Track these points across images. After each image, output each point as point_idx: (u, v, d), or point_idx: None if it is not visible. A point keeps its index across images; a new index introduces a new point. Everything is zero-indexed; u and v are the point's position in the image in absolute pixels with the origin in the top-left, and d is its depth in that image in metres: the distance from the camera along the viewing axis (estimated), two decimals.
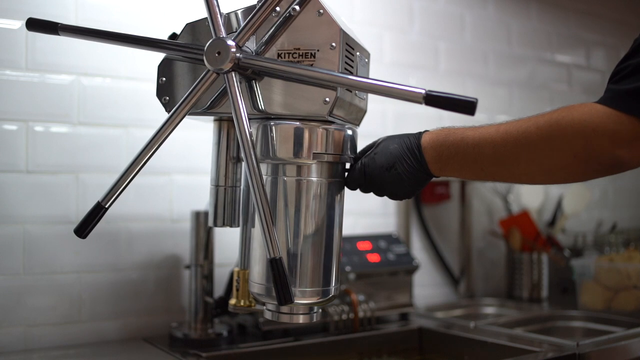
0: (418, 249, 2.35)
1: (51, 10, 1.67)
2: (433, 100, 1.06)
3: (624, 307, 2.12)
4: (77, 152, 1.70)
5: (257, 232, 1.22)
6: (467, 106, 1.06)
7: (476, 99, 1.06)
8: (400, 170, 1.20)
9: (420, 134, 1.22)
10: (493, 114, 2.67)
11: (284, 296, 1.13)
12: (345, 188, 1.29)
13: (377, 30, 2.30)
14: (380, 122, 2.28)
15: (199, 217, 1.71)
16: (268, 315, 1.24)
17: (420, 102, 1.07)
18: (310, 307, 1.22)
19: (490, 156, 1.13)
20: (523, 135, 1.11)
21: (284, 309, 1.22)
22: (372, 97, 1.38)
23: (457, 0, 2.55)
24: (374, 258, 1.94)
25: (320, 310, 1.26)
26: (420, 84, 2.38)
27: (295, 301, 1.19)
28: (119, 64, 1.76)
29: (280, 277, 1.12)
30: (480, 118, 2.60)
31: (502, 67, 2.71)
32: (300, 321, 1.22)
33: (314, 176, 1.20)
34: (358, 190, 1.28)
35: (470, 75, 2.59)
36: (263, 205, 1.13)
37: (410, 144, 1.21)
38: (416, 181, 1.21)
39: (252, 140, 1.15)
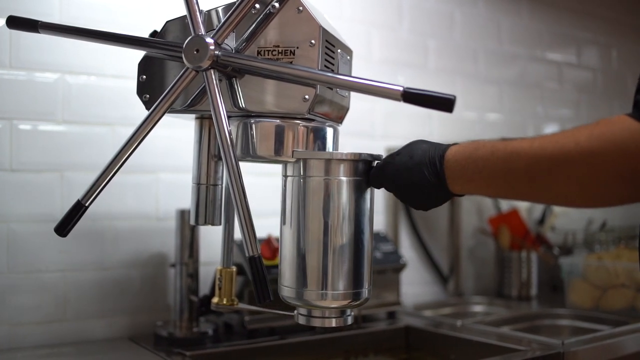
0: (407, 247, 2.35)
1: (36, 7, 1.67)
2: (411, 97, 1.06)
3: (612, 305, 2.12)
4: (62, 150, 1.69)
5: (286, 235, 1.18)
6: (445, 103, 1.05)
7: (454, 96, 1.05)
8: (415, 179, 1.11)
9: (448, 145, 1.12)
10: (483, 112, 2.66)
11: (262, 294, 1.13)
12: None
13: (365, 27, 2.29)
14: (369, 121, 2.28)
15: (184, 216, 1.71)
16: (302, 320, 1.21)
17: (398, 100, 1.07)
18: (342, 310, 1.19)
19: (523, 173, 1.02)
20: (561, 151, 0.98)
21: (316, 312, 1.18)
22: (361, 96, 1.37)
23: None
24: None
25: (352, 313, 1.22)
26: (409, 82, 2.38)
27: (328, 305, 1.16)
28: (104, 62, 1.75)
29: (258, 275, 1.12)
30: (470, 116, 2.61)
31: (492, 65, 2.71)
32: (333, 325, 1.19)
33: (341, 175, 1.16)
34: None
35: (460, 74, 2.59)
36: (242, 204, 1.13)
37: (434, 154, 1.10)
38: (432, 195, 1.12)
39: (231, 139, 1.15)
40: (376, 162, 1.19)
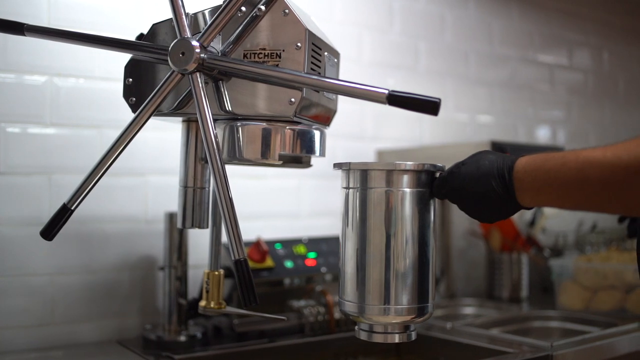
0: None
1: (23, 10, 1.66)
2: (396, 100, 1.06)
3: (602, 307, 2.12)
4: (50, 153, 1.69)
5: (348, 248, 1.16)
6: (430, 106, 1.05)
7: (439, 99, 1.05)
8: (482, 190, 1.09)
9: (516, 157, 1.10)
10: (474, 113, 2.67)
11: (249, 298, 1.13)
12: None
13: (356, 29, 2.29)
14: (359, 123, 2.28)
15: (172, 219, 1.70)
16: (364, 336, 1.18)
17: (383, 102, 1.07)
18: (406, 325, 1.16)
19: (597, 182, 0.99)
20: (637, 160, 0.96)
21: (378, 328, 1.16)
22: (350, 98, 1.37)
23: (438, 0, 2.55)
24: None
25: (416, 329, 1.19)
26: (399, 84, 2.38)
27: (391, 320, 1.14)
28: (93, 65, 1.75)
29: (244, 278, 1.12)
30: (461, 118, 2.61)
31: (483, 67, 2.72)
32: (396, 340, 1.17)
33: (404, 186, 1.13)
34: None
35: (451, 75, 2.59)
36: (227, 207, 1.13)
37: (502, 165, 1.08)
38: (499, 207, 1.10)
39: (217, 142, 1.15)
40: (439, 172, 1.17)
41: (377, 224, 1.13)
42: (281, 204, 2.08)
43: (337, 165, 1.18)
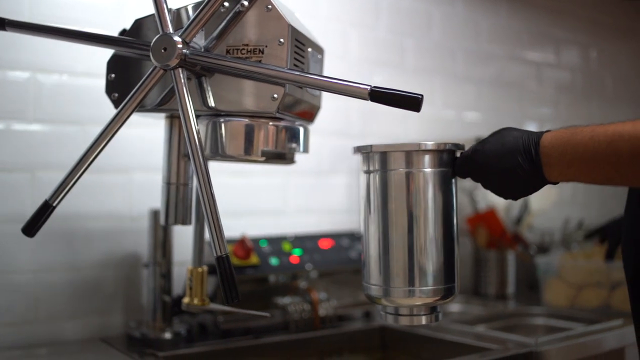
0: None
1: (5, 5, 1.64)
2: (378, 96, 1.06)
3: (588, 303, 2.13)
4: (33, 149, 1.68)
5: (371, 232, 1.14)
6: (412, 102, 1.05)
7: (421, 95, 1.05)
8: (509, 166, 1.07)
9: (541, 132, 1.09)
10: (461, 111, 2.67)
11: (231, 294, 1.12)
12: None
13: (342, 26, 2.29)
14: (345, 119, 2.27)
15: (157, 216, 1.69)
16: (390, 320, 1.16)
17: (365, 99, 1.07)
18: (432, 307, 1.14)
19: (628, 155, 0.98)
20: None
21: (404, 311, 1.14)
22: (337, 95, 1.36)
23: None
24: (335, 256, 1.93)
25: (442, 311, 1.17)
26: (386, 81, 2.38)
27: (416, 302, 1.12)
28: (76, 60, 1.74)
29: (226, 275, 1.12)
30: (448, 115, 2.61)
31: (470, 65, 2.71)
32: (423, 322, 1.15)
33: (426, 166, 1.12)
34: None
35: (438, 73, 2.59)
36: (209, 203, 1.12)
37: (528, 140, 1.07)
38: (525, 183, 1.08)
39: (199, 138, 1.14)
40: (459, 151, 1.15)
41: (399, 205, 1.11)
42: (267, 201, 2.07)
43: (357, 149, 1.15)
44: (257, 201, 2.05)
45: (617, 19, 3.40)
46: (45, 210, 1.22)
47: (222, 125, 1.23)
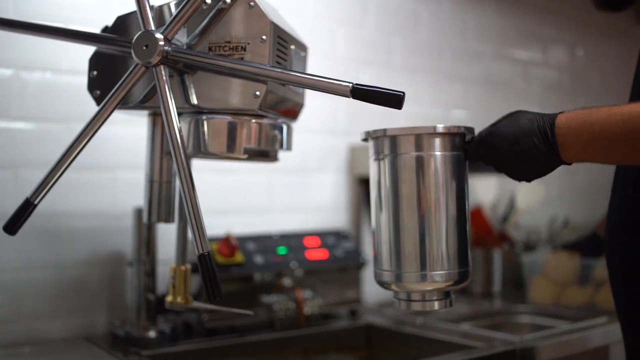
0: (369, 245, 2.34)
1: None
2: (360, 93, 1.06)
3: (572, 301, 2.13)
4: (16, 147, 1.67)
5: (383, 215, 1.12)
6: (394, 100, 1.05)
7: (403, 93, 1.05)
8: (525, 147, 1.07)
9: (555, 114, 1.09)
10: (448, 109, 2.67)
11: (213, 292, 1.11)
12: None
13: (329, 24, 2.28)
14: (332, 118, 2.27)
15: (141, 214, 1.68)
16: (403, 306, 1.14)
17: (347, 96, 1.07)
18: (445, 292, 1.12)
19: None
20: None
21: (416, 296, 1.12)
22: (324, 93, 1.36)
23: None
24: (321, 254, 1.93)
25: (454, 296, 1.15)
26: (373, 80, 2.38)
27: (428, 287, 1.10)
28: (60, 58, 1.73)
29: (208, 272, 1.11)
30: (435, 113, 2.61)
31: (458, 63, 2.72)
32: (436, 308, 1.12)
33: (439, 150, 1.10)
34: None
35: (425, 71, 2.59)
36: (191, 201, 1.12)
37: (543, 122, 1.07)
38: (540, 164, 1.08)
39: (181, 136, 1.13)
40: (469, 136, 1.14)
41: (410, 189, 1.10)
42: (253, 199, 2.07)
43: (368, 134, 1.14)
44: (243, 199, 2.04)
45: (604, 18, 3.41)
46: (26, 208, 1.21)
47: (205, 123, 1.22)
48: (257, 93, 1.18)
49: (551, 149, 1.06)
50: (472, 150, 1.13)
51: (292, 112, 1.34)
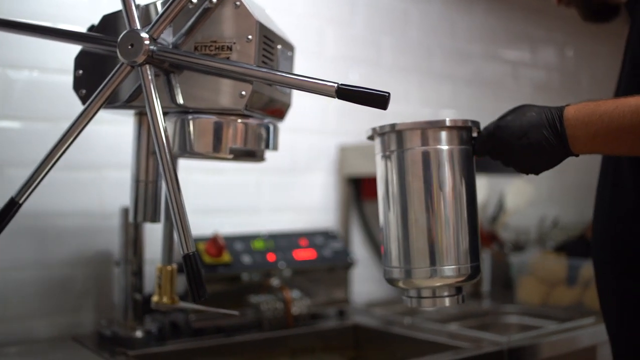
0: (359, 245, 2.34)
1: None
2: (345, 94, 1.06)
3: (560, 301, 2.14)
4: (3, 146, 1.65)
5: (391, 211, 1.11)
6: (379, 100, 1.05)
7: (388, 93, 1.05)
8: (534, 140, 1.08)
9: (562, 106, 1.10)
10: (438, 108, 2.67)
11: (198, 292, 1.11)
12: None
13: (318, 23, 2.28)
14: (322, 118, 2.27)
15: (127, 213, 1.67)
16: (414, 303, 1.13)
17: (332, 96, 1.06)
18: (456, 287, 1.11)
19: None
20: None
21: (426, 292, 1.11)
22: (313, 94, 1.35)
23: None
24: (309, 254, 1.93)
25: (465, 293, 1.14)
26: (362, 79, 2.38)
27: (438, 283, 1.09)
28: (47, 57, 1.71)
29: (194, 272, 1.11)
30: (425, 113, 2.61)
31: (447, 63, 2.72)
32: (447, 304, 1.11)
33: (447, 144, 1.10)
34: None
35: (415, 70, 2.59)
36: (176, 201, 1.11)
37: (552, 115, 1.09)
38: (549, 156, 1.09)
39: (166, 135, 1.13)
40: (475, 130, 1.15)
41: (418, 184, 1.09)
42: (241, 199, 2.06)
43: (374, 130, 1.14)
44: (231, 199, 2.04)
45: None
46: (11, 207, 1.21)
47: (191, 123, 1.22)
48: (243, 93, 1.17)
49: (560, 140, 1.07)
50: (480, 144, 1.14)
51: (279, 112, 1.34)
